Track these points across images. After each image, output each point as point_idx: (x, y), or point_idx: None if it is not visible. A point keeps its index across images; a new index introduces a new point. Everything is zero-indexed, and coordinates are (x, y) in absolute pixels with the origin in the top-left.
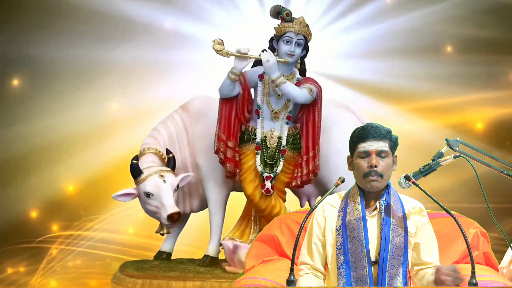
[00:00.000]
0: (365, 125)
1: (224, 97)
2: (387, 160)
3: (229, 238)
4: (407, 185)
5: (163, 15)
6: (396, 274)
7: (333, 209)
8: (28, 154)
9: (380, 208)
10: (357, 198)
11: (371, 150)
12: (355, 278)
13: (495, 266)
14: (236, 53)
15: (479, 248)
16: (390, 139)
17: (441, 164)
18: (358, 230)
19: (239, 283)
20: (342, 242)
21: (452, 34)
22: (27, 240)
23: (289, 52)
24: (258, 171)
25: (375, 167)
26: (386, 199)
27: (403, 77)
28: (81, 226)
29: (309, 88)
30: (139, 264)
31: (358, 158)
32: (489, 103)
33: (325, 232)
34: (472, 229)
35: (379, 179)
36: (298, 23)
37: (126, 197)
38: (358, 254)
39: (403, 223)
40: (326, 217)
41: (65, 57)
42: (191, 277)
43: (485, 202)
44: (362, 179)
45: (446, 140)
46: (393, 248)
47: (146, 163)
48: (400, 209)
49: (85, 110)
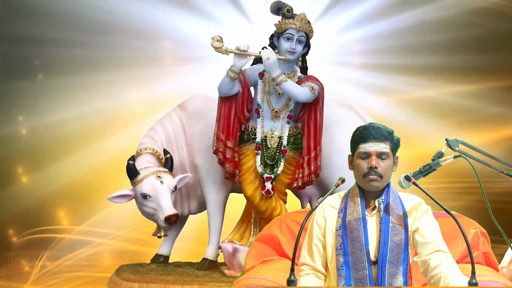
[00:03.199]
0: (367, 125)
1: (223, 96)
2: (387, 161)
3: (228, 241)
4: (407, 185)
5: (163, 12)
6: (396, 272)
7: (333, 210)
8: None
9: (379, 207)
10: (357, 199)
11: (371, 151)
12: (355, 279)
13: (495, 266)
14: (236, 51)
15: (479, 248)
16: (391, 140)
17: (441, 164)
18: (358, 231)
19: (239, 283)
20: (342, 243)
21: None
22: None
23: (290, 50)
24: (258, 172)
25: (375, 168)
26: (385, 198)
27: (410, 75)
28: (75, 228)
29: (311, 86)
30: (135, 268)
31: (359, 158)
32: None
33: (325, 232)
34: (472, 229)
35: (379, 179)
36: (299, 19)
37: (122, 198)
38: (358, 255)
39: (403, 221)
40: (326, 218)
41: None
42: (189, 281)
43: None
44: (361, 179)
45: (446, 140)
46: (393, 246)
47: (143, 164)
48: (400, 207)
49: (83, 109)
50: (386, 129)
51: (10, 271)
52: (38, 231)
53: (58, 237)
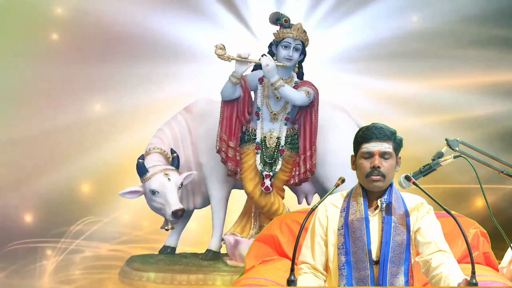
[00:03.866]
0: (370, 125)
1: (225, 100)
2: (390, 161)
3: (231, 233)
4: (407, 185)
5: (169, 22)
6: (397, 272)
7: (335, 209)
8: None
9: (381, 206)
10: (359, 199)
11: (374, 151)
12: (356, 278)
13: (495, 266)
14: (237, 58)
15: (479, 248)
16: (394, 140)
17: (441, 164)
18: (361, 231)
19: (239, 283)
20: (344, 243)
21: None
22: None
23: (287, 57)
24: (258, 170)
25: (378, 167)
26: (387, 198)
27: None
28: (90, 222)
29: (307, 91)
30: (145, 258)
31: (362, 158)
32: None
33: (327, 231)
34: (472, 229)
35: (382, 179)
36: (296, 29)
37: (133, 194)
38: (360, 254)
39: (405, 221)
40: (329, 217)
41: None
42: (195, 271)
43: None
44: (364, 179)
45: (446, 140)
46: (394, 246)
47: (152, 162)
48: (402, 207)
49: (96, 111)
50: (389, 129)
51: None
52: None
53: (71, 231)
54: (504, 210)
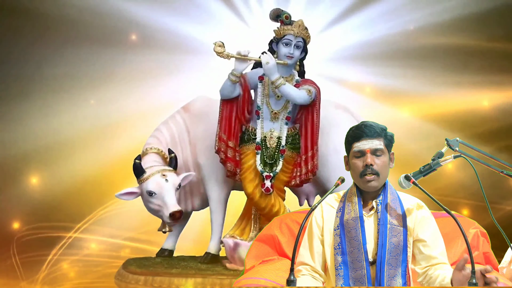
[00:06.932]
0: (359, 124)
1: (225, 98)
2: (382, 158)
3: (230, 236)
4: (407, 185)
5: (166, 19)
6: (395, 274)
7: (332, 209)
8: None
9: (377, 208)
10: (354, 198)
11: (365, 149)
12: (353, 278)
13: (495, 266)
14: (237, 55)
15: (479, 248)
16: (385, 136)
17: (441, 164)
18: (356, 230)
19: (239, 283)
20: (340, 243)
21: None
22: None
23: (288, 54)
24: (258, 171)
25: (371, 165)
26: (383, 198)
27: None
28: (85, 224)
29: (308, 89)
30: (141, 261)
31: (354, 158)
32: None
33: (324, 232)
34: (472, 229)
35: (376, 178)
36: (297, 26)
37: (129, 196)
38: (356, 254)
39: (401, 222)
40: (325, 218)
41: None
42: (193, 274)
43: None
44: (359, 178)
45: (446, 140)
46: (391, 247)
47: (149, 163)
48: (399, 208)
49: (90, 111)
50: (379, 126)
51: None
52: (47, 227)
53: (67, 236)
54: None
